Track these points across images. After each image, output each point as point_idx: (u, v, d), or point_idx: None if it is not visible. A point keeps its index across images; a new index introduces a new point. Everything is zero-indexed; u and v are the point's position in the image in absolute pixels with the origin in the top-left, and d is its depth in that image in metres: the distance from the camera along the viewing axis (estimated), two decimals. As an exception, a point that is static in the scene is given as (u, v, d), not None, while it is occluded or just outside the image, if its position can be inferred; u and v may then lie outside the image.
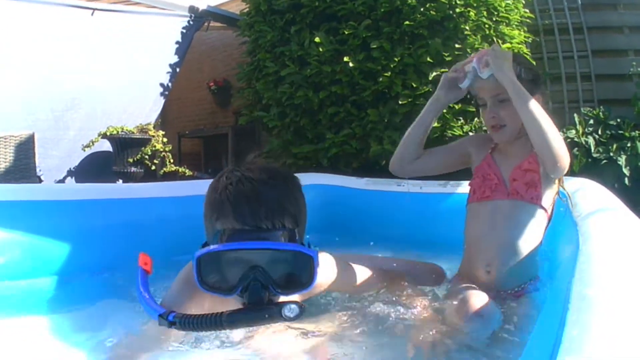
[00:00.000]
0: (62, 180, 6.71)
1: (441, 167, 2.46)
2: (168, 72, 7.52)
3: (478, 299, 1.81)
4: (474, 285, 2.04)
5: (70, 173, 6.80)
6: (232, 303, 1.50)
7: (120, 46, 6.92)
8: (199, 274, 1.47)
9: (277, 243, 1.49)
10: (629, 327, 0.88)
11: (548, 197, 2.12)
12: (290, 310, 1.41)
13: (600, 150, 5.72)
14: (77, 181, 6.80)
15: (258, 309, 1.44)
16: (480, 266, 2.12)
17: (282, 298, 1.52)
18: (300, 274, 1.53)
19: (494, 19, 5.58)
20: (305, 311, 1.43)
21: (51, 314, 2.08)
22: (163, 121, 7.63)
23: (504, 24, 5.70)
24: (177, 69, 7.64)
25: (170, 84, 7.56)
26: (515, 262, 2.05)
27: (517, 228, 2.07)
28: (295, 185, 1.63)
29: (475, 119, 5.13)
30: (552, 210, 2.15)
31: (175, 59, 7.58)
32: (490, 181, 2.18)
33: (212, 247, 1.47)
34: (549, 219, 2.14)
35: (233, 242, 1.46)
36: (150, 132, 6.84)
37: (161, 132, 7.00)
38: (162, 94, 7.49)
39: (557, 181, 2.15)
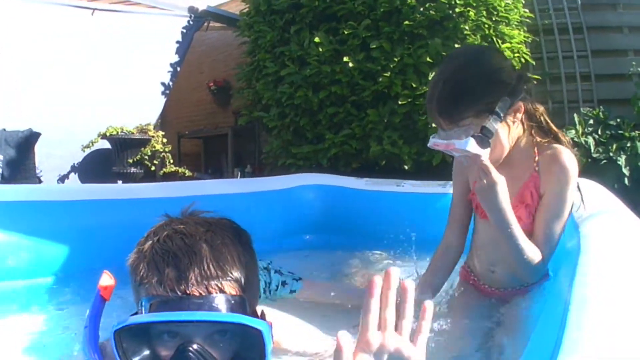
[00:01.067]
0: (64, 178, 6.72)
1: (469, 219, 2.20)
2: (169, 72, 7.53)
3: None
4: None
5: (72, 172, 6.81)
6: None
7: (121, 46, 6.93)
8: (119, 352, 1.13)
9: (209, 313, 1.14)
10: (629, 328, 0.88)
11: None
12: None
13: (600, 150, 5.71)
14: (79, 180, 6.81)
15: None
16: (485, 266, 2.11)
17: None
18: (248, 349, 1.17)
19: (494, 19, 5.57)
20: None
21: (51, 313, 2.08)
22: (162, 122, 7.64)
23: (504, 23, 5.69)
24: (178, 69, 7.64)
25: (171, 84, 7.56)
26: None
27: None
28: (241, 241, 1.27)
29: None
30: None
31: (175, 58, 7.59)
32: None
33: (127, 320, 1.14)
34: None
35: (156, 312, 1.14)
36: (149, 133, 6.85)
37: (161, 133, 7.00)
38: (162, 93, 7.49)
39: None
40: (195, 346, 1.11)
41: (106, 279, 1.31)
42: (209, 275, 1.15)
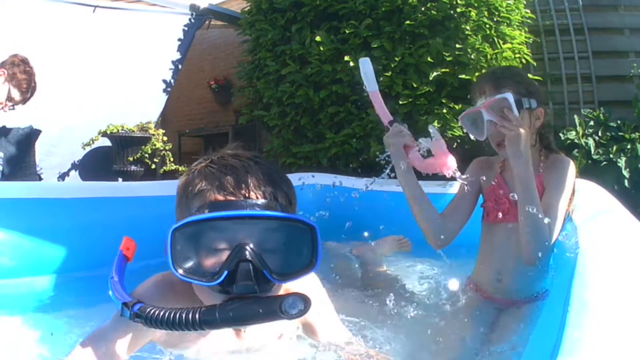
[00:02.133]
0: (64, 175, 6.71)
1: (468, 214, 2.32)
2: (170, 69, 7.52)
3: None
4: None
5: (72, 169, 6.80)
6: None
7: (122, 43, 6.92)
8: (174, 254, 1.16)
9: (270, 212, 1.20)
10: (628, 329, 0.88)
11: None
12: (291, 305, 1.13)
13: (600, 152, 5.71)
14: (80, 177, 6.80)
15: (249, 302, 1.15)
16: (492, 275, 2.19)
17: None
18: (300, 253, 1.23)
19: (495, 19, 5.57)
20: (309, 307, 1.14)
21: (50, 311, 2.08)
22: (163, 120, 7.63)
23: (505, 24, 5.69)
24: (180, 66, 7.64)
25: (172, 81, 7.55)
26: (526, 273, 2.08)
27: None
28: (282, 171, 1.38)
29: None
30: (564, 222, 2.12)
31: (177, 56, 7.58)
32: (502, 205, 2.17)
33: (190, 217, 1.17)
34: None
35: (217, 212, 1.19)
36: (150, 131, 6.83)
37: (161, 131, 6.99)
38: (164, 90, 7.49)
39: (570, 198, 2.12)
40: (252, 245, 1.17)
41: (127, 242, 1.40)
42: (264, 183, 1.24)
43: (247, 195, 1.21)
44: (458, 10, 5.28)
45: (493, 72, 2.22)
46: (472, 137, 2.20)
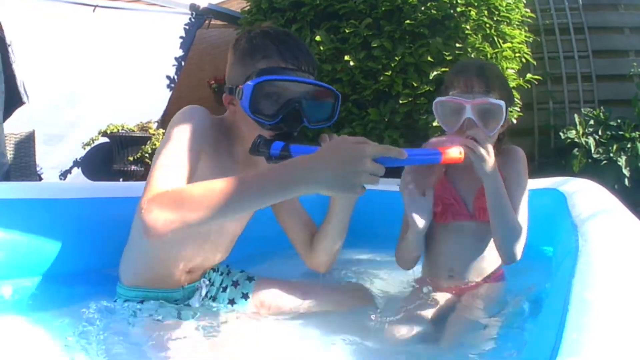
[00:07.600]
0: (68, 172, 6.70)
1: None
2: (174, 65, 7.51)
3: None
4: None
5: (75, 166, 6.79)
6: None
7: (123, 42, 6.91)
8: (252, 99, 1.66)
9: (320, 82, 1.77)
10: (628, 329, 0.88)
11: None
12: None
13: (601, 151, 5.72)
14: (83, 174, 6.79)
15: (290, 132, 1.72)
16: (444, 271, 2.16)
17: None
18: (327, 111, 1.82)
19: (495, 19, 5.56)
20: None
21: (47, 313, 2.07)
22: (163, 120, 7.61)
23: (505, 23, 5.69)
24: (182, 62, 7.62)
25: (176, 77, 7.54)
26: (478, 265, 2.10)
27: (481, 241, 2.11)
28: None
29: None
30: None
31: (179, 52, 7.58)
32: (450, 206, 2.12)
33: (270, 76, 1.67)
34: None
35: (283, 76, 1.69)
36: (150, 130, 6.83)
37: (162, 131, 6.98)
38: (168, 86, 7.47)
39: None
40: (303, 102, 1.71)
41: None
42: (312, 60, 1.80)
43: (301, 68, 1.73)
44: (458, 9, 5.27)
45: (482, 68, 2.06)
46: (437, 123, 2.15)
